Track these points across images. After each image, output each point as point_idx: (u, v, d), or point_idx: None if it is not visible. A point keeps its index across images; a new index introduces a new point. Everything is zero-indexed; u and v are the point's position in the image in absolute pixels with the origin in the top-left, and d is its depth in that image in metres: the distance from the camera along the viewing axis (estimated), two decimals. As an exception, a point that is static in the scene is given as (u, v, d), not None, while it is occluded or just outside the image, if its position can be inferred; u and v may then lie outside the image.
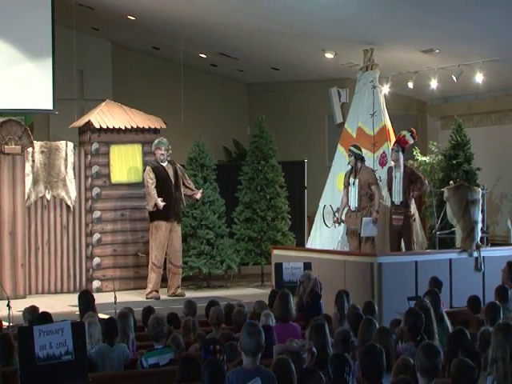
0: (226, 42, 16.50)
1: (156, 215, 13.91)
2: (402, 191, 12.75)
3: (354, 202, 13.04)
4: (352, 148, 13.17)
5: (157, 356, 7.16)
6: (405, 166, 12.95)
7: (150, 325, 7.41)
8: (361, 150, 13.18)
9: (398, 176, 12.80)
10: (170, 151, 14.16)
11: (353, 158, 13.09)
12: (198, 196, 14.32)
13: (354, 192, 13.04)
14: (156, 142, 14.11)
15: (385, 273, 11.21)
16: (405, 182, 12.75)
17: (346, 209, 13.27)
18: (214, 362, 5.61)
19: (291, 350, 6.42)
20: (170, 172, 14.10)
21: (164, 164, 14.07)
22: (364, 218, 12.86)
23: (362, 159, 13.15)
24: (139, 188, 14.56)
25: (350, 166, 13.24)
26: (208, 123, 18.82)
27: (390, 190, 12.92)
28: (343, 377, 5.66)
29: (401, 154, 12.85)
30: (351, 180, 13.09)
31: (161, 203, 13.75)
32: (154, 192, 13.82)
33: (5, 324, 8.94)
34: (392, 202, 12.85)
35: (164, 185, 13.96)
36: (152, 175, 13.93)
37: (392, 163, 13.00)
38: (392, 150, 12.98)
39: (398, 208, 12.80)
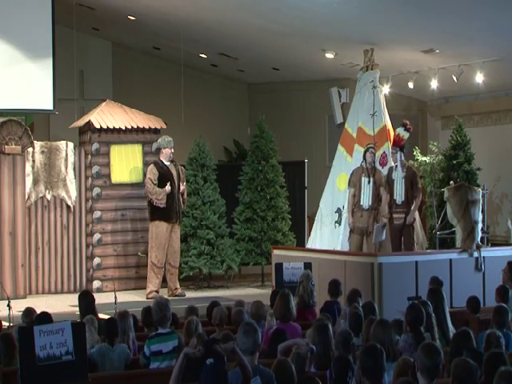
0: (226, 41, 16.50)
1: (157, 215, 13.87)
2: (404, 191, 12.78)
3: (367, 201, 13.03)
4: (372, 148, 13.27)
5: (159, 343, 7.16)
6: (408, 168, 12.98)
7: (153, 310, 7.43)
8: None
9: (398, 177, 12.82)
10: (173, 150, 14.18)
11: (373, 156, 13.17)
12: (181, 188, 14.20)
13: (368, 191, 13.02)
14: (167, 140, 14.02)
15: (385, 273, 11.21)
16: (407, 183, 12.78)
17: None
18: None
19: (299, 345, 6.39)
20: (174, 172, 14.08)
21: (168, 164, 14.06)
22: (376, 226, 12.83)
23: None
24: (140, 188, 14.55)
25: (354, 166, 13.26)
26: (208, 123, 18.82)
27: (390, 190, 12.94)
28: (346, 380, 5.63)
29: (399, 155, 12.93)
30: (365, 179, 13.08)
31: (168, 187, 13.71)
32: (156, 188, 13.77)
33: (5, 324, 8.95)
34: (394, 202, 12.87)
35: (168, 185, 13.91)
36: (155, 171, 13.87)
37: (393, 163, 13.08)
38: (391, 153, 13.09)
39: (400, 207, 12.84)
